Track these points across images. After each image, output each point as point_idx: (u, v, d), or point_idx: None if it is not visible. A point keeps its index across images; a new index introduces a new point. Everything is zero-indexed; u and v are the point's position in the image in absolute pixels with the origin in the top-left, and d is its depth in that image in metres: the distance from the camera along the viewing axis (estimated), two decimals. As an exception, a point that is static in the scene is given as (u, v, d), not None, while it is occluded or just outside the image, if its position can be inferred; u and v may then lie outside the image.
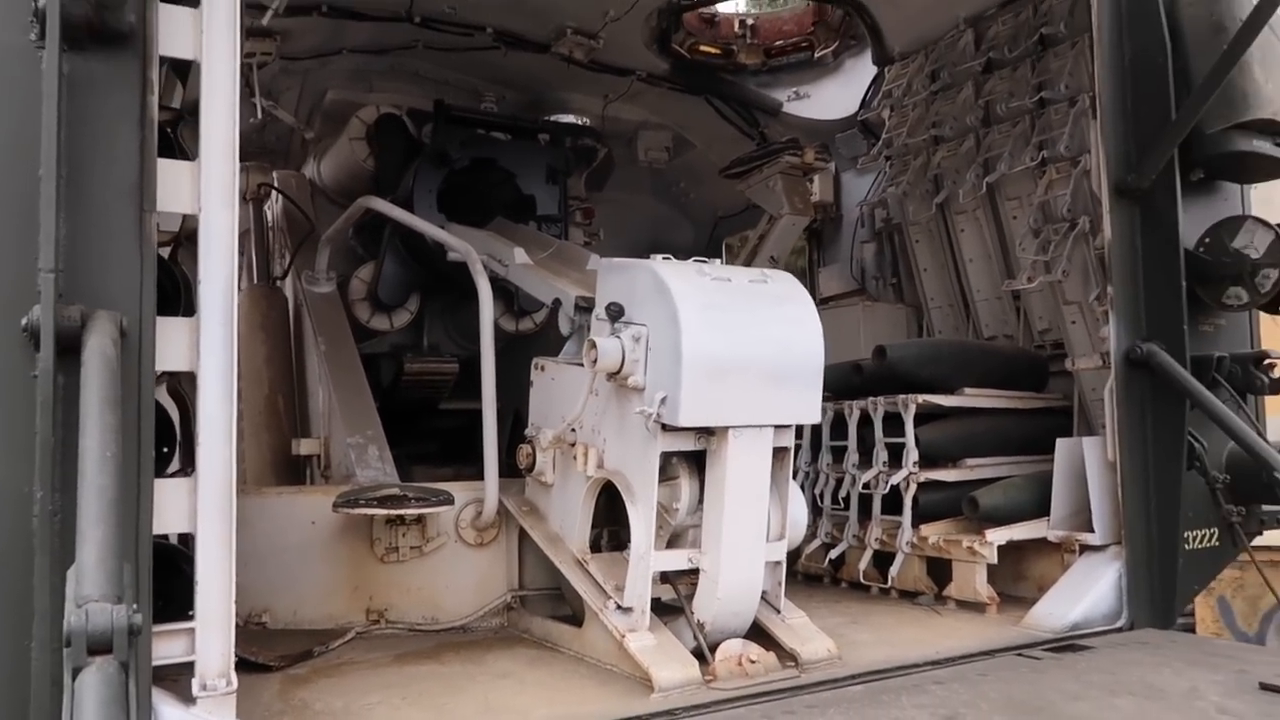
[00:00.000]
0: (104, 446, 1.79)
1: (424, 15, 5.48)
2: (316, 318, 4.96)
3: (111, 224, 2.15)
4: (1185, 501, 3.85)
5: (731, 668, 3.08)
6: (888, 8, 5.37)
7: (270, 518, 3.98)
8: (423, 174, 5.16)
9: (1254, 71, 3.78)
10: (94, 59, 2.15)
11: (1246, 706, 2.70)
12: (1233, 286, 3.90)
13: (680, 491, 3.22)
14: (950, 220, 5.42)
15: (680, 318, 2.97)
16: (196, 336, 2.32)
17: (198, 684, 2.28)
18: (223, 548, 2.32)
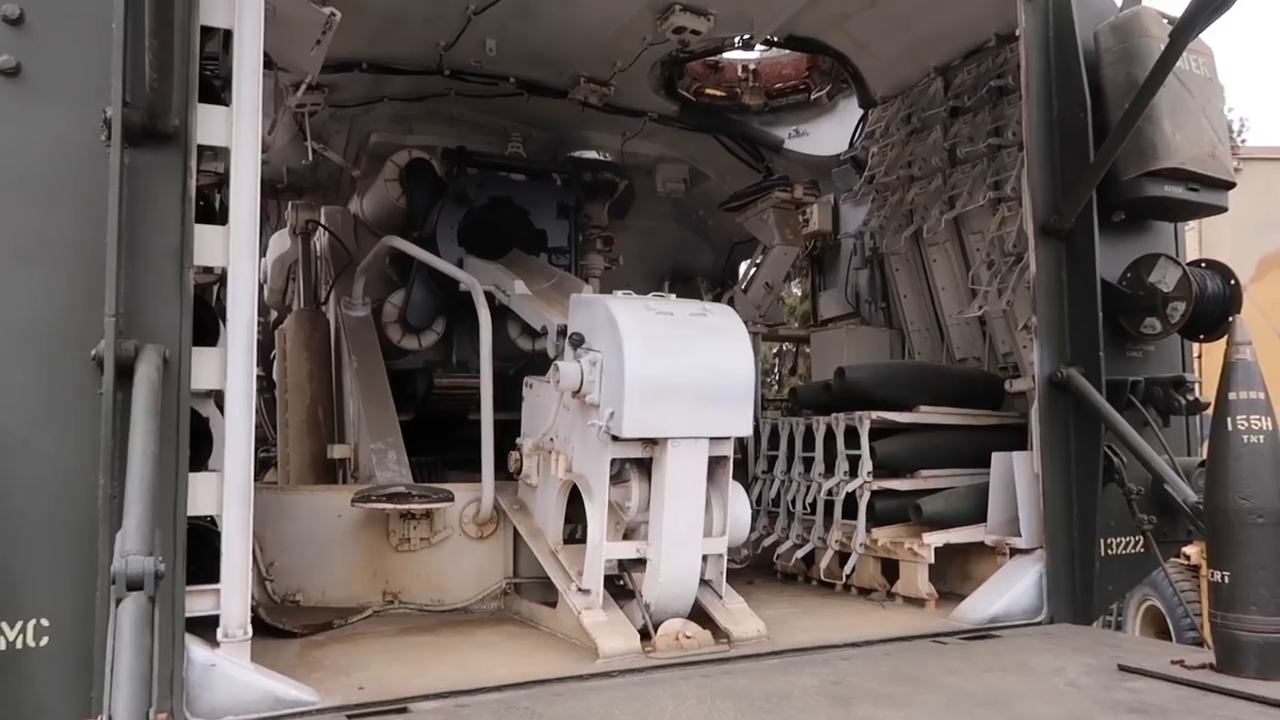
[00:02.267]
0: (146, 446, 2.44)
1: (453, 68, 6.17)
2: (351, 339, 5.67)
3: (159, 278, 2.82)
4: (1106, 512, 4.27)
5: (670, 642, 3.63)
6: (866, 57, 5.88)
7: (305, 511, 4.66)
8: (445, 212, 5.84)
9: (1163, 124, 4.19)
10: (147, 152, 2.83)
11: (1093, 681, 3.16)
12: (1149, 317, 4.31)
13: (631, 492, 3.79)
14: (924, 251, 5.89)
15: (624, 346, 3.55)
16: (224, 362, 2.99)
17: (221, 632, 2.92)
18: (241, 527, 2.97)
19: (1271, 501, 3.12)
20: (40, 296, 2.71)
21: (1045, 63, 4.43)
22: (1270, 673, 3.04)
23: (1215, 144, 4.32)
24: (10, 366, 2.67)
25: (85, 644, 2.65)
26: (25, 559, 2.64)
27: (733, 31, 5.72)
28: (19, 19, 2.73)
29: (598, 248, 7.22)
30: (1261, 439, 3.16)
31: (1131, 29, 4.30)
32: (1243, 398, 3.20)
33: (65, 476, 2.69)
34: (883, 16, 5.39)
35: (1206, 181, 4.31)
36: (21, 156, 2.73)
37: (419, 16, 5.51)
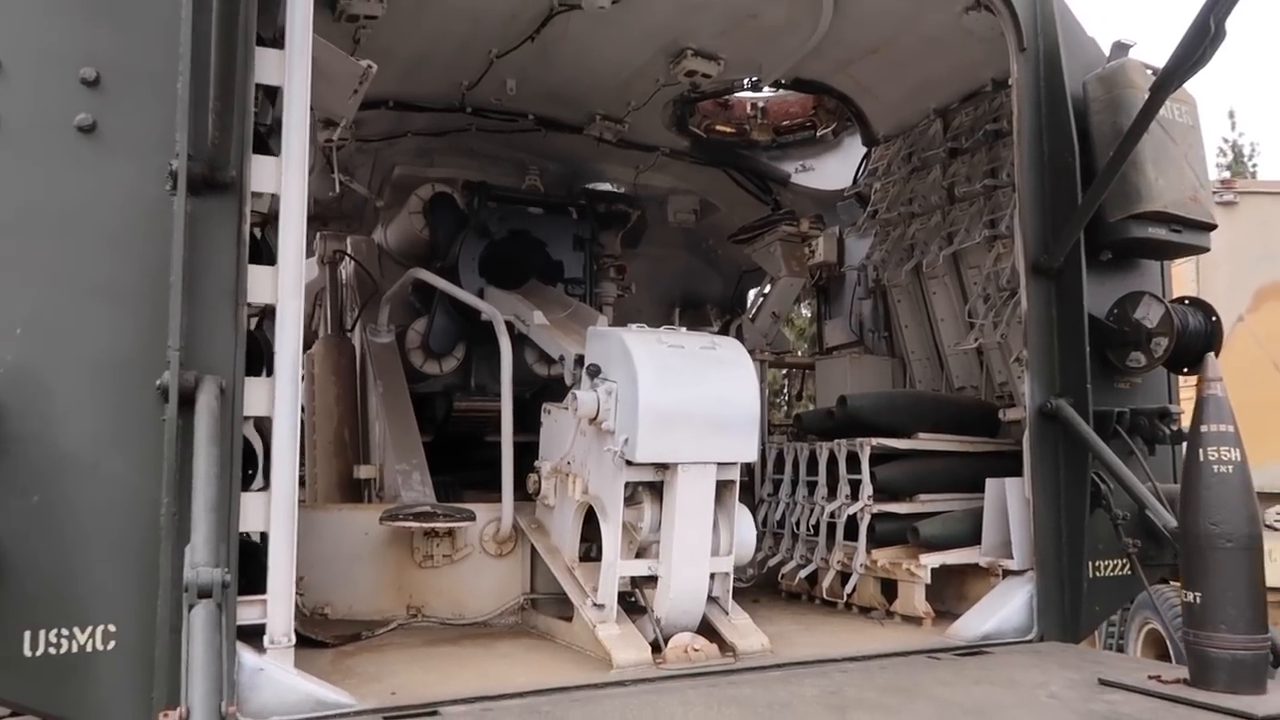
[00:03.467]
0: (209, 469, 2.72)
1: (474, 106, 6.46)
2: (377, 364, 5.95)
3: (216, 315, 3.10)
4: (1094, 535, 4.49)
5: (679, 654, 3.87)
6: (869, 99, 6.16)
7: (333, 529, 4.92)
8: (467, 244, 6.14)
9: (1147, 170, 4.45)
10: (207, 201, 3.11)
11: (1074, 694, 3.38)
12: (1134, 351, 4.55)
13: (644, 513, 4.04)
14: (924, 284, 6.15)
15: (638, 377, 3.82)
16: (272, 391, 3.26)
17: (267, 639, 3.18)
18: (287, 543, 3.24)
19: (1240, 527, 3.35)
20: (110, 332, 2.99)
21: (1036, 110, 4.70)
22: (1238, 686, 3.27)
23: (1197, 188, 4.58)
24: (83, 397, 2.94)
25: (147, 648, 2.92)
26: (95, 570, 2.91)
27: (742, 74, 6.01)
28: (95, 81, 3.03)
29: (611, 276, 7.49)
30: (1231, 469, 3.40)
31: (1117, 80, 4.56)
32: (1214, 430, 3.45)
33: (131, 496, 2.96)
34: (884, 62, 5.67)
35: (1188, 223, 4.57)
36: (96, 205, 3.01)
37: (444, 60, 5.81)
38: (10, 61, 2.95)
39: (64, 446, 2.91)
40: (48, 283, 2.94)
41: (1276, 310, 8.57)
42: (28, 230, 2.93)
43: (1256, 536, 3.39)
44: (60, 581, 2.88)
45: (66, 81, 3.00)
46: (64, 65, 3.00)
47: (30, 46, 2.98)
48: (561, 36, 5.51)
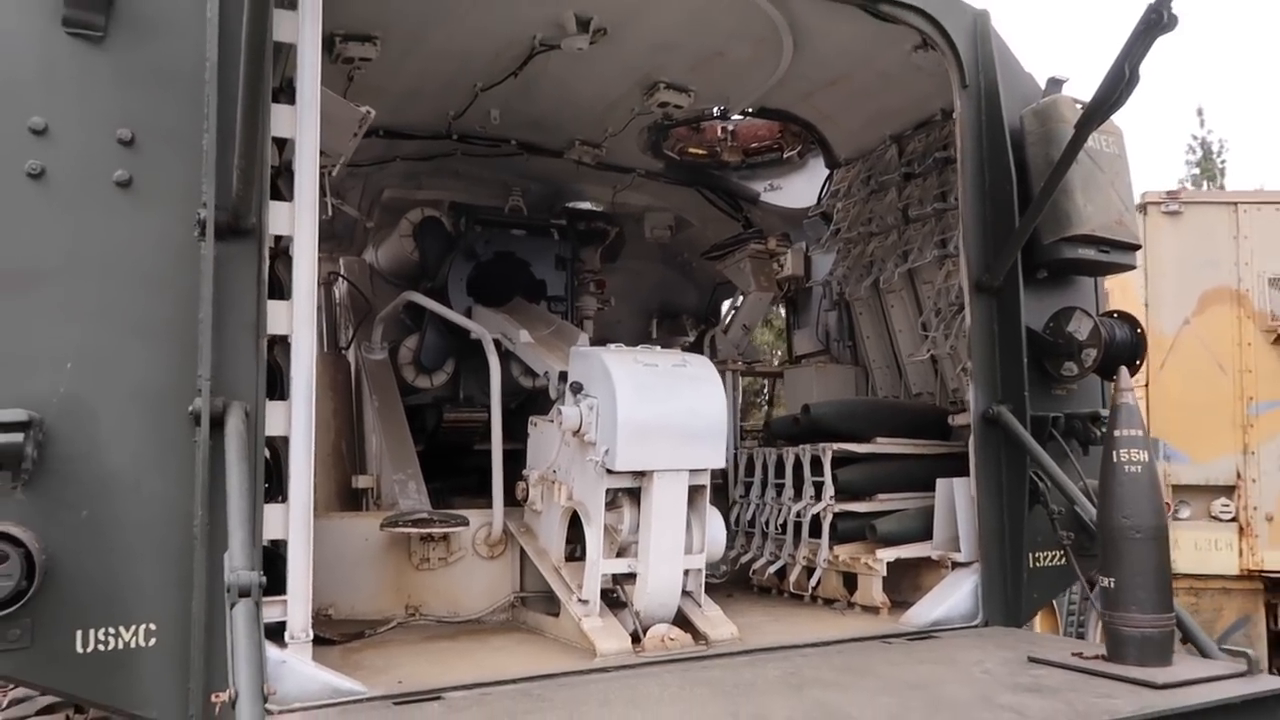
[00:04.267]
0: (241, 484, 3.11)
1: (460, 133, 6.85)
2: (371, 380, 6.33)
3: (240, 346, 3.48)
4: (1033, 529, 4.93)
5: (656, 643, 4.29)
6: (830, 125, 6.61)
7: (335, 536, 5.28)
8: (455, 266, 6.54)
9: (1076, 197, 4.90)
10: (231, 245, 3.49)
11: (1005, 670, 3.82)
12: (1067, 361, 5.00)
13: (623, 516, 4.45)
14: (883, 298, 6.61)
15: (617, 394, 4.23)
16: (288, 414, 3.65)
17: (288, 635, 3.56)
18: (304, 549, 3.62)
19: (1148, 520, 3.80)
20: (148, 364, 3.37)
21: (978, 142, 5.14)
22: (1147, 660, 3.71)
23: (1122, 212, 5.03)
24: (125, 422, 3.32)
25: (184, 643, 3.30)
26: (137, 575, 3.29)
27: (711, 104, 6.45)
28: (130, 140, 3.41)
29: (591, 290, 7.91)
30: (1140, 468, 3.85)
31: (1050, 114, 5.01)
32: (1125, 434, 3.89)
33: (168, 509, 3.34)
34: (843, 93, 6.11)
35: (1115, 244, 5.02)
36: (133, 251, 3.39)
37: (432, 93, 6.21)
38: (56, 125, 3.32)
39: (109, 466, 3.29)
40: (92, 321, 3.31)
41: (1220, 314, 9.04)
42: (74, 274, 3.30)
43: (1163, 528, 3.84)
44: (106, 585, 3.26)
45: (105, 141, 3.38)
46: (103, 127, 3.38)
47: (73, 111, 3.35)
48: (542, 72, 5.91)
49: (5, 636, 3.08)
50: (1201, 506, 9.07)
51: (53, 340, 3.26)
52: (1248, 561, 8.86)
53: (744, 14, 5.14)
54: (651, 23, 5.33)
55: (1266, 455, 8.90)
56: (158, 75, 3.46)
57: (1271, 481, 8.88)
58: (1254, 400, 8.97)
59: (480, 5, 5.12)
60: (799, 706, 3.34)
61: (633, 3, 5.14)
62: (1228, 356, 9.02)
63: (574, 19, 5.26)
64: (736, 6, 5.05)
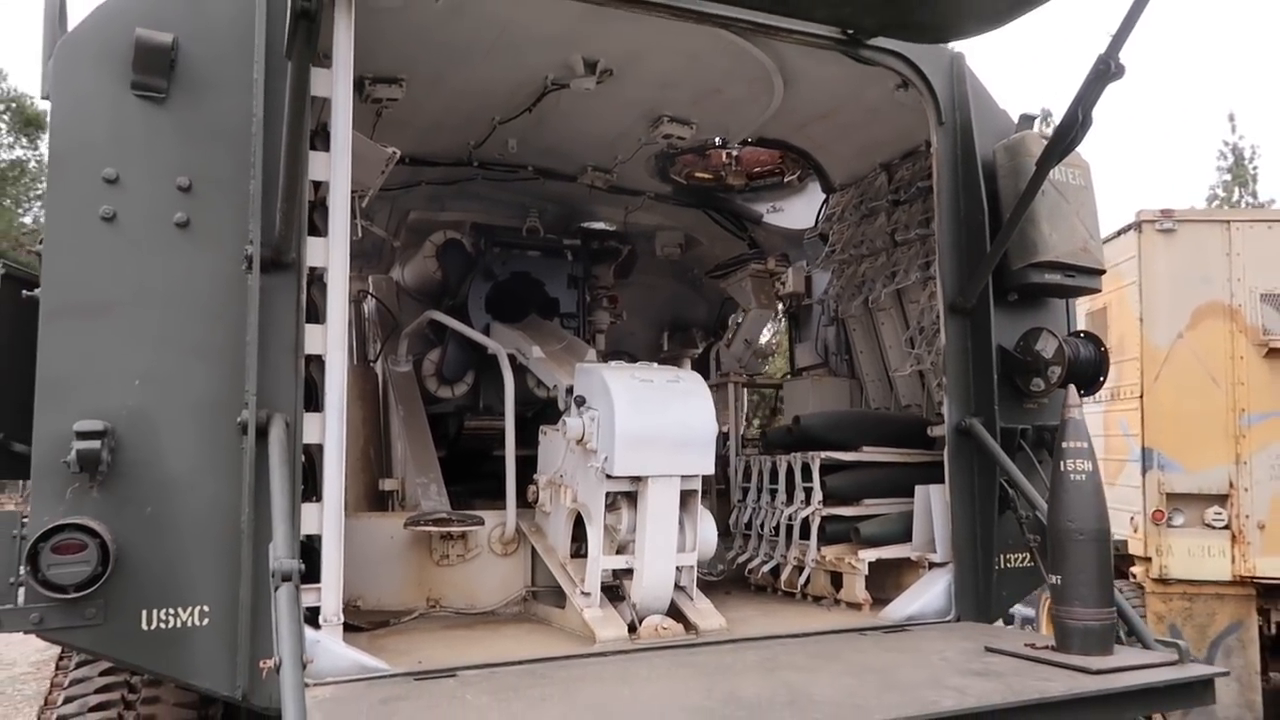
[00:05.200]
0: (282, 485, 3.61)
1: (480, 160, 7.35)
2: (397, 391, 6.85)
3: (281, 365, 3.98)
4: (1003, 533, 5.32)
5: (651, 632, 4.75)
6: (825, 154, 7.05)
7: (363, 534, 5.77)
8: (475, 285, 7.06)
9: (1042, 225, 5.30)
10: (274, 277, 4.00)
11: (961, 658, 4.25)
12: (1035, 378, 5.40)
13: (622, 517, 4.92)
14: (874, 315, 7.03)
15: (615, 406, 4.70)
16: (322, 424, 4.16)
17: (322, 619, 4.06)
18: (336, 543, 4.12)
19: (1090, 523, 4.21)
20: (204, 381, 3.89)
21: (954, 174, 5.56)
22: (1089, 650, 4.12)
23: (1086, 240, 5.43)
24: (185, 431, 3.84)
25: (231, 623, 3.80)
26: (193, 564, 3.80)
27: (712, 135, 6.91)
28: (189, 188, 3.94)
29: (605, 305, 8.39)
30: (1084, 477, 4.26)
31: (1019, 150, 5.41)
32: (1072, 446, 4.31)
33: (219, 508, 3.85)
34: (834, 125, 6.55)
35: (1080, 270, 5.41)
36: (191, 283, 3.91)
37: (453, 125, 6.72)
38: (125, 174, 3.86)
39: (169, 469, 3.81)
40: (156, 344, 3.84)
41: (1212, 328, 9.31)
42: (141, 304, 3.83)
43: (1104, 531, 4.25)
44: (167, 572, 3.77)
45: (167, 188, 3.91)
46: (165, 176, 3.91)
47: (140, 162, 3.89)
48: (555, 107, 6.41)
49: (84, 614, 3.61)
50: (1195, 514, 9.34)
51: (123, 361, 3.79)
52: (1240, 568, 9.12)
53: (737, 57, 5.60)
54: (653, 65, 5.81)
55: (1259, 465, 9.15)
56: (211, 130, 3.99)
57: (1263, 490, 9.13)
58: (1246, 412, 9.23)
59: (496, 50, 5.62)
60: (767, 685, 3.79)
61: (635, 47, 5.61)
62: (1220, 369, 9.29)
63: (582, 62, 5.75)
64: (730, 51, 5.50)
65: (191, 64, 4.01)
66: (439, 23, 5.22)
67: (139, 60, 3.88)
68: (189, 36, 4.00)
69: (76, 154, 3.84)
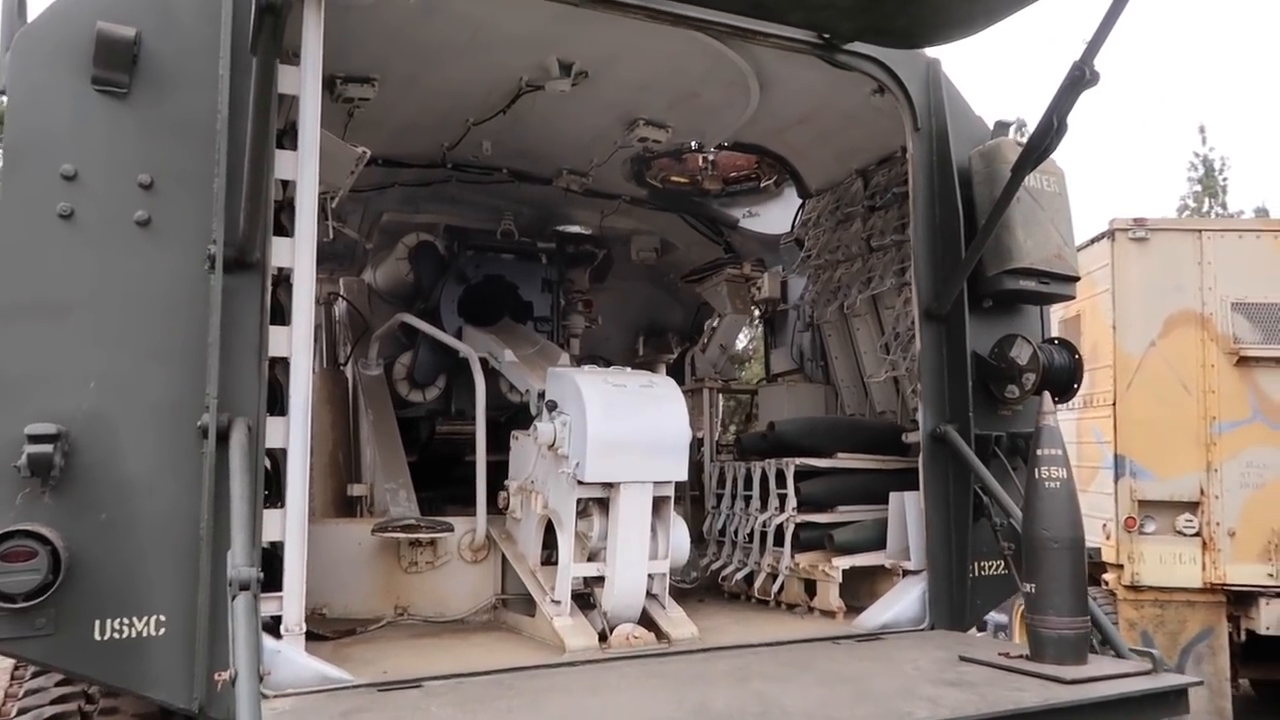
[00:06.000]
0: (243, 492, 3.51)
1: (454, 162, 7.25)
2: (367, 395, 6.75)
3: (244, 368, 3.88)
4: (977, 540, 5.30)
5: (622, 641, 4.68)
6: (801, 159, 7.02)
7: (331, 540, 5.68)
8: (447, 288, 6.97)
9: (1017, 232, 5.29)
10: (237, 278, 3.90)
11: (934, 667, 4.21)
12: (1009, 384, 5.39)
13: (593, 524, 4.84)
14: (849, 321, 7.01)
15: (587, 411, 4.64)
16: (286, 428, 4.06)
17: (283, 628, 3.96)
18: (298, 551, 4.02)
19: (1064, 531, 4.19)
20: (163, 384, 3.78)
21: (929, 180, 5.54)
22: (1064, 659, 4.09)
23: (1061, 246, 5.43)
24: (141, 435, 3.73)
25: (190, 633, 3.70)
26: (150, 572, 3.69)
27: (688, 139, 6.87)
28: (150, 185, 3.83)
29: (579, 310, 8.33)
30: (1058, 484, 4.24)
31: (994, 156, 5.40)
32: (1046, 453, 4.29)
33: (177, 514, 3.74)
34: (811, 130, 6.52)
35: (1054, 276, 5.41)
36: (151, 283, 3.81)
37: (427, 126, 6.62)
38: (84, 171, 3.75)
39: (126, 474, 3.70)
40: (114, 345, 3.73)
41: (1184, 336, 9.38)
42: (99, 304, 3.72)
43: (1078, 539, 4.23)
44: (122, 580, 3.66)
45: (127, 186, 3.80)
46: (126, 173, 3.80)
47: (99, 158, 3.78)
48: (530, 109, 6.33)
49: (33, 624, 3.49)
50: (1166, 521, 9.40)
51: (79, 362, 3.68)
52: (1210, 575, 9.19)
53: (713, 61, 5.56)
54: (628, 67, 5.76)
55: (1229, 473, 9.23)
56: (174, 126, 3.89)
57: (1233, 498, 9.20)
58: (1217, 420, 9.30)
59: (470, 51, 5.55)
60: (738, 695, 3.73)
61: (611, 50, 5.56)
62: (1192, 378, 9.36)
63: (557, 63, 5.69)
64: (706, 54, 5.46)
65: (155, 59, 3.91)
66: (412, 21, 5.14)
67: (100, 54, 3.78)
68: (152, 31, 3.90)
69: (33, 149, 3.73)
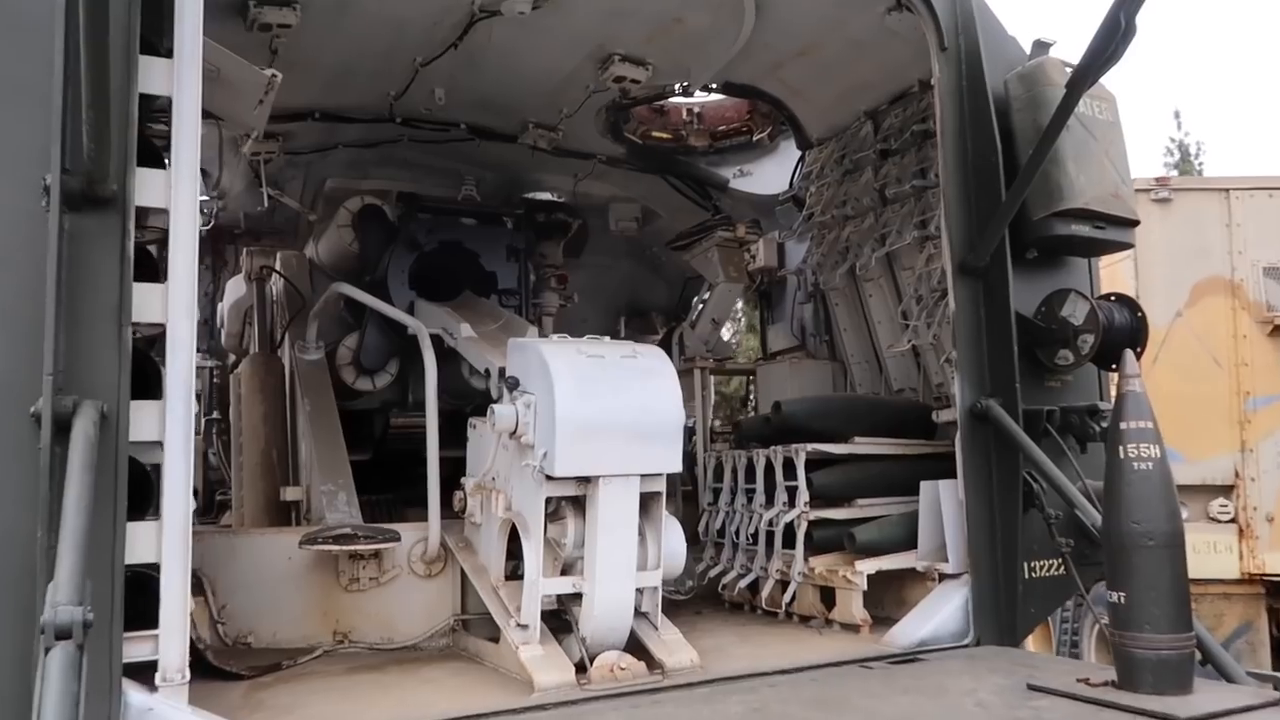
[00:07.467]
0: (79, 499, 2.57)
1: (403, 116, 6.34)
2: (303, 382, 5.79)
3: (98, 336, 2.95)
4: (1028, 536, 4.44)
5: (604, 673, 3.77)
6: (801, 102, 6.13)
7: (256, 553, 4.76)
8: (395, 257, 6.02)
9: (1068, 167, 4.43)
10: (87, 217, 2.97)
11: (1000, 701, 3.32)
12: (1061, 349, 4.52)
13: (567, 529, 3.93)
14: (860, 286, 6.12)
15: (555, 388, 3.72)
16: (162, 416, 3.12)
17: (160, 677, 3.03)
18: (180, 574, 3.08)
19: (1161, 525, 3.31)
20: (-18, 357, 2.84)
21: (959, 109, 4.68)
22: (1163, 688, 3.22)
23: (1119, 184, 4.57)
24: (-48, 425, 2.79)
25: (26, 696, 2.75)
26: (-36, 610, 2.75)
27: (671, 80, 5.95)
28: (-37, 95, 2.88)
29: (552, 286, 7.42)
30: (1151, 465, 3.36)
31: (1037, 78, 4.55)
32: (1133, 427, 3.40)
33: (5, 531, 2.80)
34: (813, 65, 5.63)
35: (1111, 220, 4.56)
36: (-34, 223, 2.86)
37: (368, 69, 5.69)
38: None
39: (-72, 479, 2.75)
40: (-90, 306, 2.78)
41: (1213, 305, 8.65)
42: (-113, 251, 2.77)
43: (1178, 534, 3.36)
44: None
45: (-71, 95, 2.85)
46: (-77, 77, 2.85)
47: (-112, 58, 2.83)
48: (486, 44, 5.42)
49: None
50: (1198, 508, 8.62)
51: None
52: (1248, 565, 8.42)
53: (700, -28, 4.66)
54: (600, -16, 4.85)
55: (1265, 452, 8.47)
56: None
57: (1271, 480, 8.45)
58: (1251, 395, 8.56)
59: (408, -35, 4.63)
60: (760, 753, 2.83)
61: (578, -39, 4.65)
62: (1222, 350, 8.62)
63: (514, -22, 4.78)
64: (691, -35, 4.57)
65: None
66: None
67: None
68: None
69: None
